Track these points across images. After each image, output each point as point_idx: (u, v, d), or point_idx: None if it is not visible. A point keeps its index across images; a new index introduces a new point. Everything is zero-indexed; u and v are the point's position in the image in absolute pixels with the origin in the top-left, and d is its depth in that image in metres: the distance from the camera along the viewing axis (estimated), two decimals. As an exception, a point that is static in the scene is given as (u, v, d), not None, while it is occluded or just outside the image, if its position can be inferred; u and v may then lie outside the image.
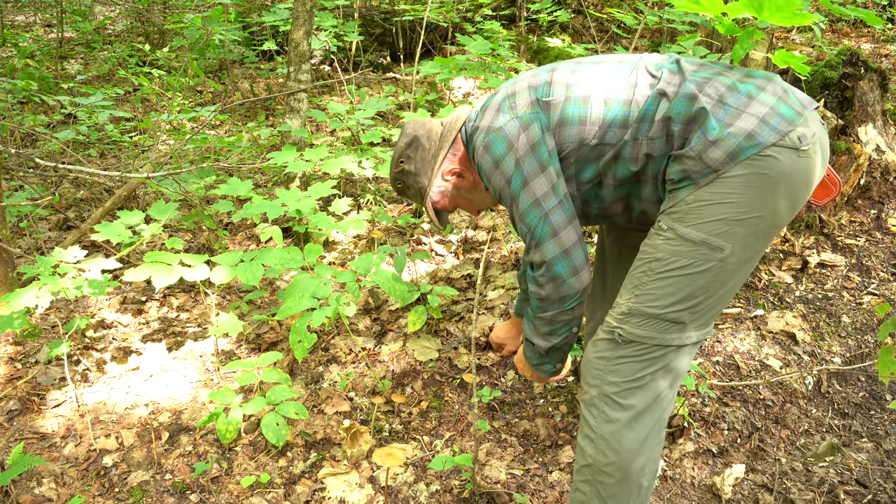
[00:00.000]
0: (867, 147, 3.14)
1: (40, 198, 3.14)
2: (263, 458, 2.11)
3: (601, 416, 1.49)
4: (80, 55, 6.25)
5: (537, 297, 1.55)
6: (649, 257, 1.47)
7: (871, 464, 2.09)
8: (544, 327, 1.59)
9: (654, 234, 1.48)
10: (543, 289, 1.53)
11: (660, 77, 1.46)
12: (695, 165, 1.40)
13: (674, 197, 1.45)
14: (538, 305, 1.56)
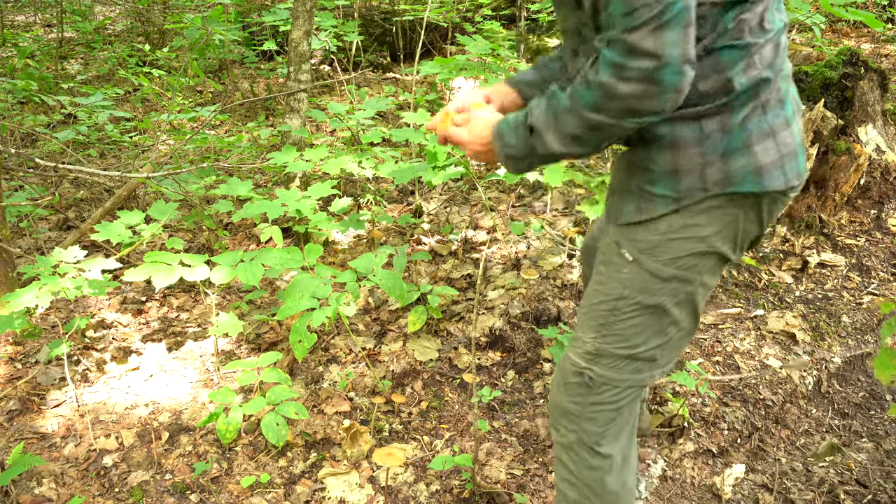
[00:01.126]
0: (867, 147, 3.14)
1: (40, 198, 3.14)
2: (263, 458, 2.11)
3: (582, 462, 1.41)
4: (80, 55, 6.25)
5: (606, 90, 1.12)
6: (614, 294, 1.32)
7: (871, 464, 2.09)
8: (577, 128, 1.18)
9: (616, 264, 1.32)
10: (626, 84, 1.10)
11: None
12: (692, 181, 1.23)
13: (647, 200, 1.27)
14: (593, 100, 1.14)
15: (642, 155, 1.26)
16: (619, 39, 1.10)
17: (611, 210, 1.36)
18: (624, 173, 1.32)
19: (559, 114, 1.19)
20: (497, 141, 1.29)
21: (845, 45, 3.48)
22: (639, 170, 1.27)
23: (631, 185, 1.29)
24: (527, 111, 1.25)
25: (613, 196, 1.35)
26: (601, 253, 1.38)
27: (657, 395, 2.28)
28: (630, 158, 1.29)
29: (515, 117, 1.27)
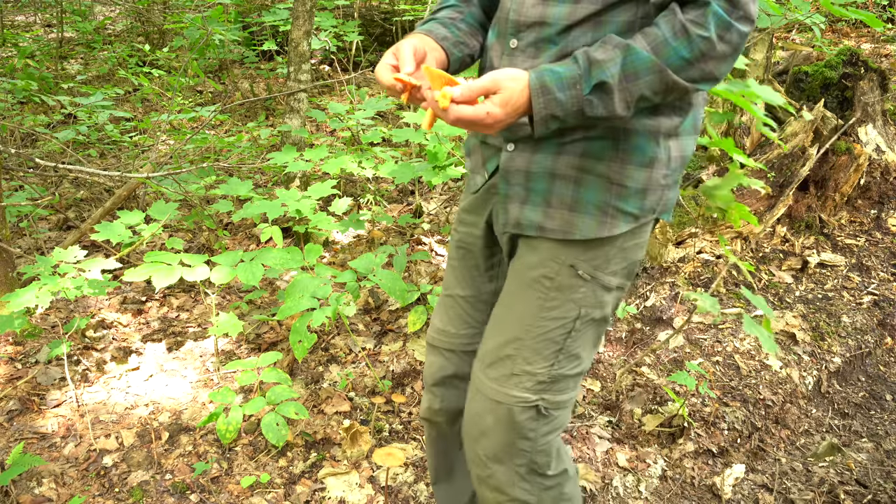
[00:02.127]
0: (867, 147, 3.14)
1: (40, 198, 3.14)
2: (263, 458, 2.11)
3: (538, 485, 1.32)
4: (80, 55, 6.25)
5: (707, 47, 1.01)
6: (571, 315, 1.23)
7: (871, 464, 2.09)
8: (651, 89, 1.04)
9: (571, 287, 1.22)
10: (724, 45, 1.02)
11: None
12: (653, 201, 1.21)
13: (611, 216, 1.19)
14: (690, 56, 1.02)
15: (616, 169, 1.16)
16: None
17: (544, 223, 1.21)
18: (572, 186, 1.18)
19: (639, 71, 1.02)
20: (539, 97, 1.03)
21: (845, 45, 3.49)
22: (607, 184, 1.17)
23: (589, 198, 1.18)
24: (584, 63, 1.03)
25: (547, 208, 1.20)
26: (539, 276, 1.23)
27: (657, 395, 2.28)
28: (592, 170, 1.17)
29: (566, 71, 1.04)
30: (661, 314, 2.60)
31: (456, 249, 1.43)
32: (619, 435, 2.16)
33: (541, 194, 1.20)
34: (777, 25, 2.44)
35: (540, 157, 1.20)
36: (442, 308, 1.48)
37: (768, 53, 3.23)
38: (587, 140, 1.16)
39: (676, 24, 1.01)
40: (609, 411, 2.26)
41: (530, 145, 1.20)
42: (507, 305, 1.29)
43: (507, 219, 1.25)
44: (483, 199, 1.34)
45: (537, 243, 1.23)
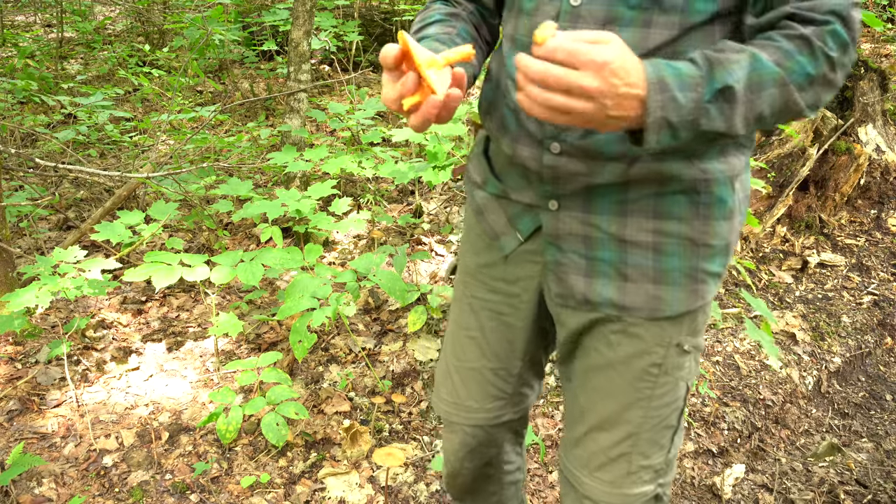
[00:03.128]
0: (867, 147, 3.14)
1: (40, 198, 3.14)
2: (263, 458, 2.11)
3: None
4: (80, 55, 6.25)
5: (828, 67, 0.88)
6: (681, 394, 1.11)
7: (871, 464, 2.09)
8: (772, 107, 0.87)
9: (678, 365, 1.08)
10: (841, 70, 0.90)
11: None
12: (730, 254, 1.07)
13: (701, 282, 1.04)
14: (815, 73, 0.87)
15: (700, 228, 1.00)
16: (845, 13, 0.87)
17: (623, 301, 1.03)
18: (651, 254, 1.01)
19: (764, 82, 0.85)
20: (657, 94, 0.79)
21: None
22: (692, 247, 1.01)
23: (673, 266, 1.01)
24: (703, 63, 0.83)
25: (623, 282, 1.03)
26: (646, 366, 1.06)
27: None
28: (673, 233, 1.00)
29: (686, 67, 0.83)
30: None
31: (479, 316, 1.21)
32: (619, 435, 2.16)
33: (611, 265, 1.02)
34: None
35: (599, 219, 1.01)
36: (458, 379, 1.27)
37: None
38: (659, 196, 0.98)
39: (798, 37, 0.86)
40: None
41: (580, 203, 1.01)
42: (608, 399, 1.10)
43: (568, 292, 1.07)
44: (521, 264, 1.15)
45: (628, 327, 1.05)
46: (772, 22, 0.90)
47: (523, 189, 1.08)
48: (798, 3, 0.88)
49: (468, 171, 1.23)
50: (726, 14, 0.92)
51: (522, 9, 1.01)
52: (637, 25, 0.91)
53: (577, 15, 0.93)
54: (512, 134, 1.04)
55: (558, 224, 1.04)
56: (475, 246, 1.22)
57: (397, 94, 0.87)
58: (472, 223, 1.22)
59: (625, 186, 0.98)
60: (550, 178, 1.01)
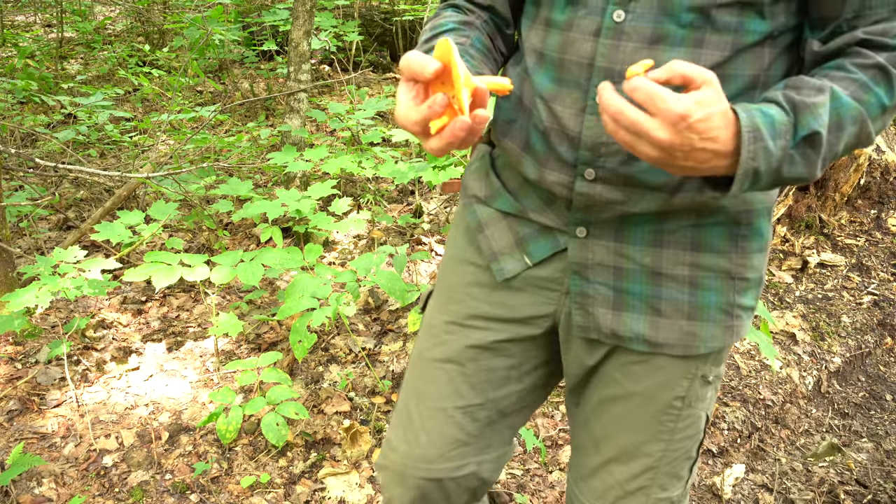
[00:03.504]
0: (867, 147, 3.15)
1: (40, 198, 3.14)
2: (263, 458, 2.11)
3: None
4: (80, 55, 6.25)
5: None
6: (701, 425, 1.07)
7: (871, 464, 2.09)
8: (846, 146, 0.82)
9: (700, 397, 1.03)
10: None
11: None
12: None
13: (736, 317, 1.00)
14: (891, 104, 0.83)
15: (738, 262, 0.96)
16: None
17: (656, 337, 0.97)
18: (687, 288, 0.95)
19: (844, 121, 0.79)
20: (752, 144, 0.74)
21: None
22: (729, 281, 0.96)
23: (710, 301, 0.96)
24: (789, 107, 0.77)
25: (657, 318, 0.97)
26: (670, 400, 1.01)
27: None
28: (711, 266, 0.95)
29: (777, 113, 0.77)
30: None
31: (460, 346, 1.08)
32: (619, 435, 2.16)
33: (643, 299, 0.96)
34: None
35: (632, 249, 0.95)
36: (418, 422, 1.10)
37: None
38: (698, 228, 0.93)
39: (872, 66, 0.81)
40: (609, 411, 2.26)
41: (612, 231, 0.95)
42: (627, 431, 1.04)
43: (593, 325, 1.00)
44: (529, 292, 1.04)
45: (653, 360, 0.99)
46: (841, 48, 0.84)
47: (543, 210, 1.00)
48: (868, 27, 0.82)
49: (466, 186, 1.12)
50: (777, 35, 0.87)
51: (553, 22, 0.92)
52: (688, 45, 0.84)
53: (621, 32, 0.85)
54: (539, 156, 0.96)
55: (587, 253, 0.97)
56: (463, 267, 1.10)
57: (422, 117, 0.77)
58: (463, 243, 1.11)
59: (662, 216, 0.92)
60: (582, 205, 0.93)
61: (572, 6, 0.89)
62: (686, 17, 0.83)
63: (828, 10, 0.84)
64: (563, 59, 0.90)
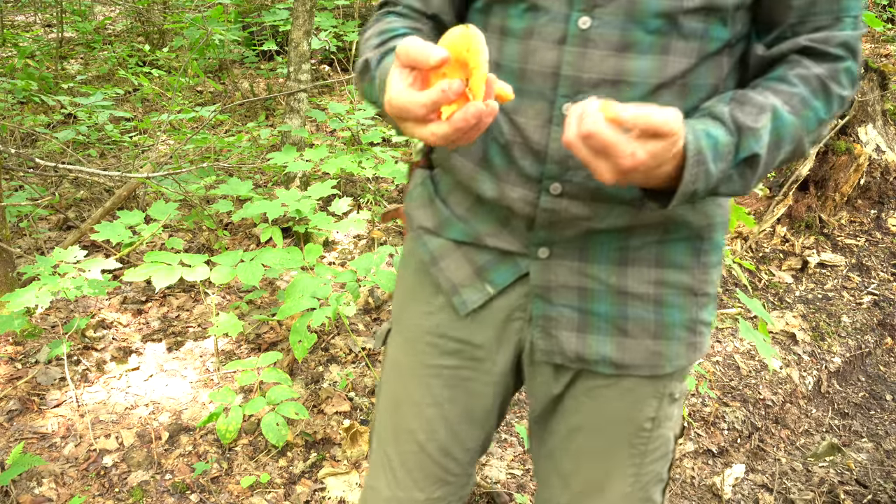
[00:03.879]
0: (867, 147, 3.14)
1: (40, 198, 3.14)
2: (263, 458, 2.11)
3: None
4: (80, 55, 6.25)
5: (837, 109, 0.87)
6: (671, 445, 1.04)
7: (871, 464, 2.09)
8: (783, 159, 0.85)
9: (668, 415, 1.01)
10: (855, 87, 0.88)
11: None
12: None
13: (699, 333, 0.99)
14: (826, 116, 0.85)
15: (700, 277, 0.95)
16: (855, 45, 0.84)
17: (622, 358, 0.95)
18: (652, 307, 0.94)
19: (783, 139, 0.81)
20: (694, 167, 0.75)
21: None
22: (692, 297, 0.95)
23: (675, 319, 0.95)
24: (734, 128, 0.79)
25: (622, 338, 0.94)
26: (641, 423, 0.99)
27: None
28: (676, 284, 0.94)
29: (722, 136, 0.78)
30: (661, 314, 2.60)
31: (432, 387, 1.04)
32: (619, 435, 2.16)
33: (609, 320, 0.93)
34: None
35: (597, 269, 0.92)
36: (400, 467, 1.08)
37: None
38: (662, 244, 0.92)
39: (813, 79, 0.82)
40: (609, 411, 2.26)
41: (575, 251, 0.92)
42: (597, 461, 1.01)
43: (556, 349, 0.96)
44: (491, 323, 1.00)
45: (621, 382, 0.96)
46: (784, 54, 0.85)
47: (500, 234, 0.95)
48: (811, 34, 0.83)
49: (410, 217, 1.07)
50: (734, 43, 0.87)
51: (509, 31, 0.87)
52: (655, 52, 0.83)
53: (588, 39, 0.83)
54: (498, 172, 0.91)
55: (549, 275, 0.93)
56: (421, 305, 1.04)
57: (432, 101, 0.71)
58: (416, 278, 1.05)
59: (628, 233, 0.90)
60: (546, 222, 0.89)
61: (531, 13, 0.85)
62: (654, 23, 0.82)
63: (774, 16, 0.85)
64: (524, 70, 0.86)
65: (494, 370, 1.02)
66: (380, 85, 0.84)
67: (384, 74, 0.83)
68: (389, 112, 0.76)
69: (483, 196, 0.94)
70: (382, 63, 0.87)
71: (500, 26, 0.89)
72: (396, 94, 0.74)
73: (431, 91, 0.71)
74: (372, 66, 0.88)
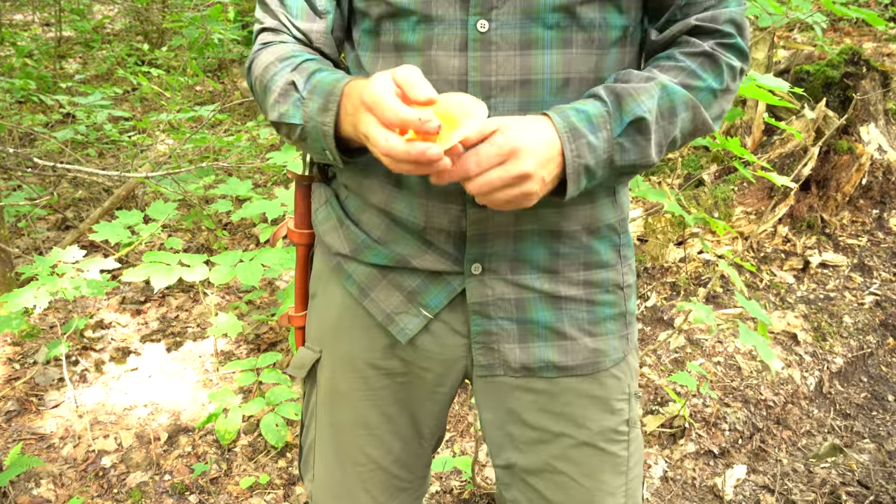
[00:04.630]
0: (869, 147, 3.14)
1: (38, 197, 3.13)
2: (263, 459, 2.10)
3: None
4: (79, 54, 6.24)
5: (733, 80, 0.88)
6: (642, 451, 1.03)
7: (872, 465, 2.08)
8: (681, 131, 0.85)
9: (632, 417, 0.99)
10: (746, 62, 0.90)
11: None
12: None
13: (629, 323, 1.00)
14: (721, 87, 0.86)
15: (623, 271, 0.98)
16: (741, 21, 0.87)
17: (566, 361, 0.94)
18: (585, 306, 0.95)
19: (676, 107, 0.82)
20: (571, 142, 0.77)
21: (847, 44, 3.47)
22: (618, 291, 0.97)
23: (606, 314, 0.96)
24: (609, 98, 0.80)
25: (563, 341, 0.94)
26: (616, 426, 0.97)
27: (658, 396, 2.27)
28: (603, 283, 0.95)
29: (592, 108, 0.80)
30: (661, 314, 2.59)
31: (379, 406, 1.02)
32: (620, 436, 2.15)
33: (548, 326, 0.93)
34: (778, 24, 2.43)
35: (530, 278, 0.92)
36: (359, 489, 1.06)
37: (769, 52, 3.23)
38: (588, 245, 0.93)
39: (700, 53, 0.85)
40: (610, 412, 2.25)
41: (507, 263, 0.91)
42: (583, 482, 0.97)
43: (499, 362, 0.95)
44: (432, 346, 0.97)
45: (592, 389, 0.96)
46: (675, 36, 0.87)
47: (424, 254, 0.92)
48: (699, 13, 0.86)
49: (322, 241, 1.02)
50: (632, 31, 0.89)
51: (406, 45, 0.85)
52: (558, 47, 0.83)
53: (489, 41, 0.82)
54: (416, 191, 0.89)
55: (485, 289, 0.91)
56: (356, 333, 1.00)
57: (405, 116, 0.71)
58: (346, 308, 1.00)
59: (555, 239, 0.91)
60: (476, 236, 0.88)
61: (425, 24, 0.83)
62: (552, 17, 0.81)
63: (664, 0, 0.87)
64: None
65: (442, 389, 1.01)
66: (322, 104, 0.82)
67: (326, 93, 0.82)
68: (362, 99, 0.75)
69: (400, 218, 0.92)
70: (312, 82, 0.84)
71: (394, 43, 0.87)
72: (382, 90, 0.73)
73: (411, 111, 0.71)
74: (300, 86, 0.85)
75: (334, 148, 0.83)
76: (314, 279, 1.06)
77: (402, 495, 1.09)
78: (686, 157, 3.31)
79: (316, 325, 1.06)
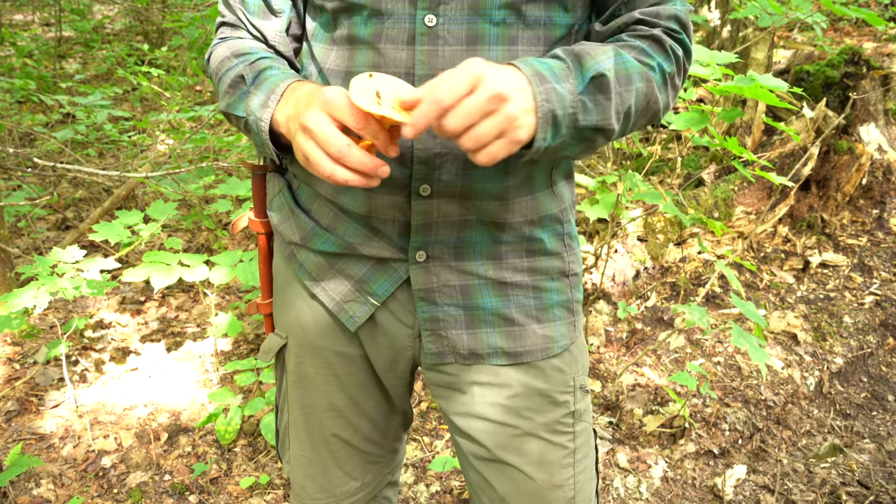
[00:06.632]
0: (869, 147, 3.14)
1: (38, 197, 3.13)
2: (263, 459, 2.10)
3: None
4: (79, 54, 6.24)
5: (686, 58, 0.90)
6: (592, 444, 1.04)
7: (872, 465, 2.08)
8: (637, 104, 0.83)
9: (586, 411, 1.02)
10: (690, 60, 0.92)
11: None
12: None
13: (576, 312, 1.02)
14: (671, 69, 0.87)
15: (568, 259, 1.00)
16: (685, 19, 0.90)
17: (514, 347, 0.96)
18: (531, 292, 0.96)
19: (632, 75, 0.81)
20: (539, 85, 0.74)
21: (847, 44, 3.48)
22: (564, 279, 0.99)
23: (553, 300, 0.98)
24: (568, 56, 0.79)
25: (510, 327, 0.96)
26: (562, 417, 0.98)
27: (658, 396, 2.27)
28: (548, 270, 0.97)
29: (552, 61, 0.79)
30: (661, 314, 2.59)
31: (345, 387, 1.06)
32: (619, 436, 2.16)
33: (494, 312, 0.95)
34: (778, 24, 2.43)
35: (475, 265, 0.94)
36: (332, 466, 1.11)
37: (769, 52, 3.23)
38: (531, 234, 0.95)
39: (650, 37, 0.86)
40: (609, 412, 2.25)
41: (450, 251, 0.93)
42: (531, 474, 0.98)
43: (448, 349, 0.97)
44: (381, 334, 1.00)
45: (531, 379, 0.97)
46: (620, 27, 0.88)
47: (370, 242, 0.94)
48: (644, 8, 0.87)
49: (276, 230, 1.05)
50: (578, 28, 0.90)
51: (357, 39, 0.87)
52: (504, 43, 0.84)
53: (437, 36, 0.83)
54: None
55: (430, 276, 0.93)
56: (317, 320, 1.02)
57: (361, 124, 0.74)
58: (304, 299, 1.02)
59: (499, 228, 0.92)
60: (420, 225, 0.90)
61: (376, 18, 0.85)
62: (498, 14, 0.83)
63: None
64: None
65: (392, 375, 1.04)
66: (263, 100, 0.85)
67: (269, 90, 0.85)
68: (317, 98, 0.76)
69: (346, 208, 0.94)
70: (260, 79, 0.88)
71: (346, 36, 0.89)
72: (339, 94, 0.74)
73: (371, 124, 0.73)
74: (248, 80, 0.88)
75: (269, 142, 0.86)
76: (275, 268, 1.09)
77: (373, 468, 1.14)
78: (686, 157, 3.31)
79: (280, 313, 1.09)
